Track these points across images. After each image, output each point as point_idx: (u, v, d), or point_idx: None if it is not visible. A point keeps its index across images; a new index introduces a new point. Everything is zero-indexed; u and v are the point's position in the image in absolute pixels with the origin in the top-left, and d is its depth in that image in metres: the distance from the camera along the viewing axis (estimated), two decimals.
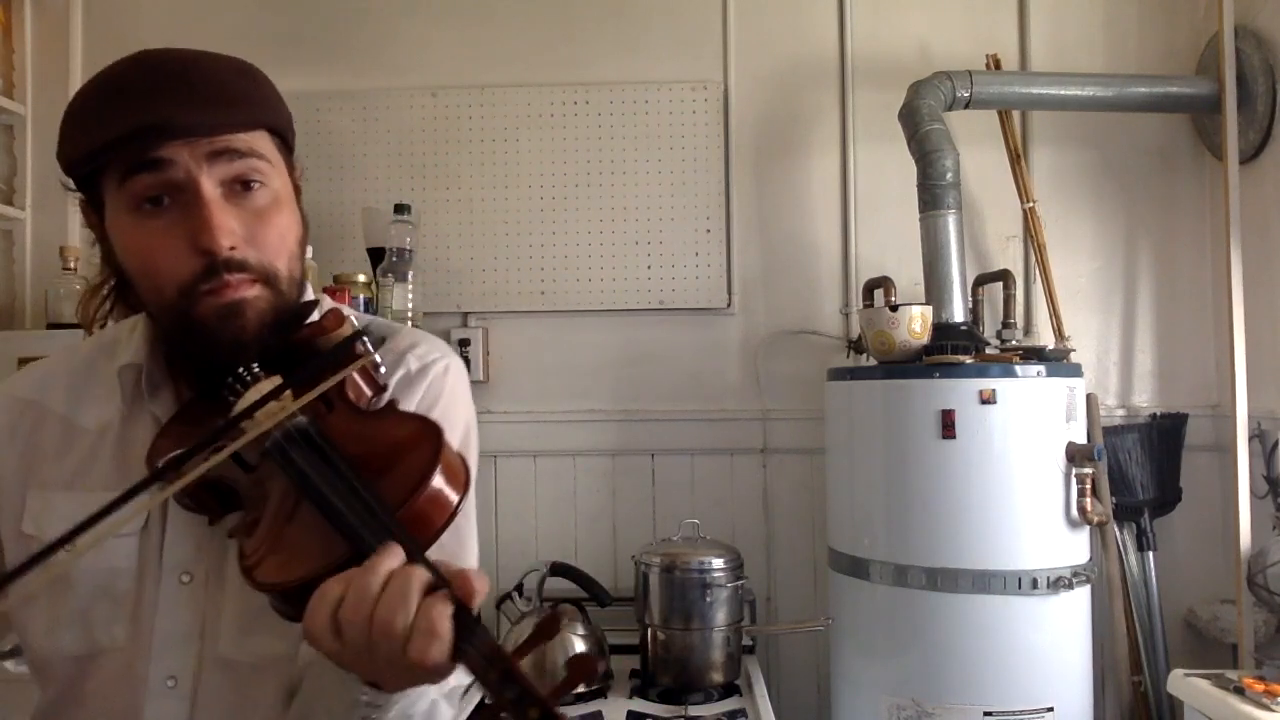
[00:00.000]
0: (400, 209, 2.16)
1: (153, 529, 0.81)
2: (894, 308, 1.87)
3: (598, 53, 2.34)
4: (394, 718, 0.69)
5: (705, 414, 2.29)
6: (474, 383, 2.26)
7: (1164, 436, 2.19)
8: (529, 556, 2.18)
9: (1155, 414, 2.24)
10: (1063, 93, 2.13)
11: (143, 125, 0.72)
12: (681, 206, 2.31)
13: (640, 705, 1.82)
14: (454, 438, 0.83)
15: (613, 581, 2.13)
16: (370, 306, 2.13)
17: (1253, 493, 1.97)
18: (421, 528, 0.63)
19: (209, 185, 0.74)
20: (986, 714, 1.68)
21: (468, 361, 2.20)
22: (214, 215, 0.73)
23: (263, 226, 0.77)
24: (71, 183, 0.80)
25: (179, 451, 0.67)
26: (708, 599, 1.86)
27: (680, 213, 2.31)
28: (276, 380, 0.71)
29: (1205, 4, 2.26)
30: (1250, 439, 1.99)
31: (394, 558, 0.59)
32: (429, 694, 0.71)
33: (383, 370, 0.77)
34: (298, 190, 0.85)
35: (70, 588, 0.80)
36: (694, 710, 1.78)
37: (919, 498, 1.75)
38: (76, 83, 2.33)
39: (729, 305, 2.31)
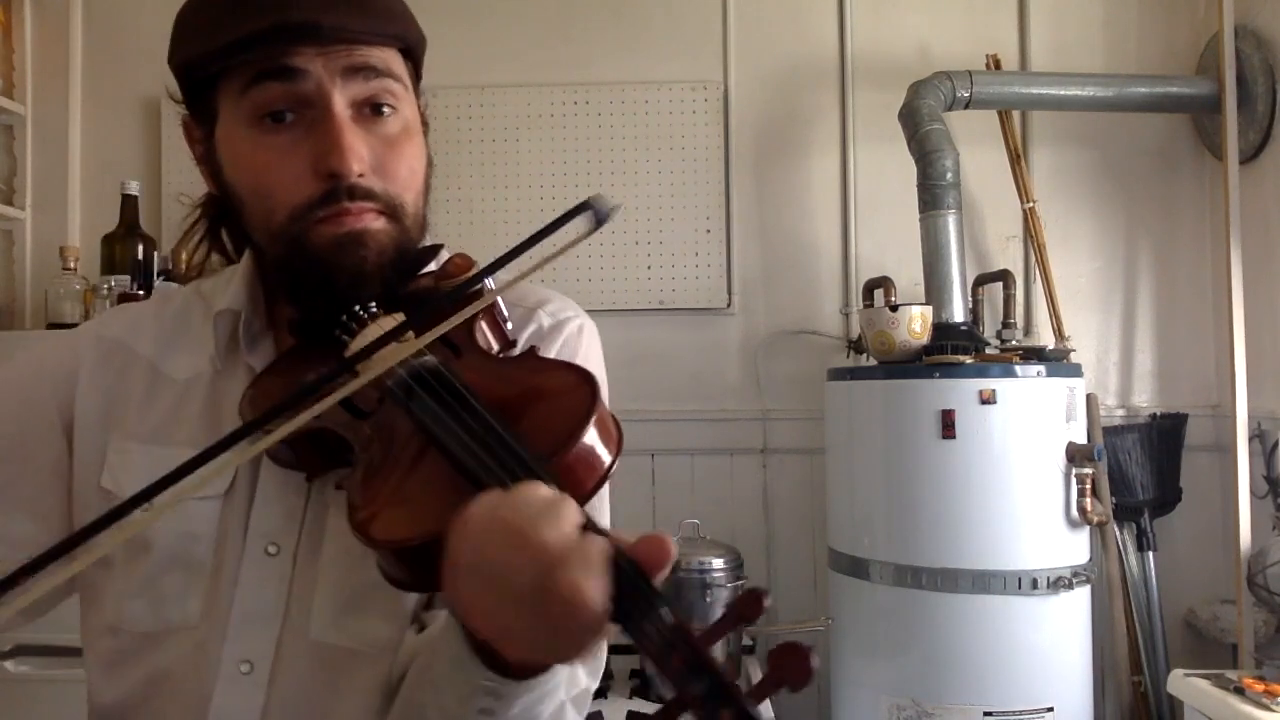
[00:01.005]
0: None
1: (238, 493, 0.71)
2: (894, 308, 1.87)
3: (598, 53, 2.34)
4: (516, 717, 0.58)
5: (705, 414, 2.29)
6: None
7: (1164, 436, 2.19)
8: None
9: (1155, 414, 2.24)
10: (1063, 93, 2.14)
11: (282, 23, 0.64)
12: (681, 206, 2.30)
13: (640, 705, 1.82)
14: None
15: None
16: None
17: (1253, 493, 1.97)
18: (572, 487, 0.52)
19: (340, 103, 0.67)
20: (986, 714, 1.68)
21: None
22: (345, 135, 0.66)
23: (393, 156, 0.70)
24: (179, 94, 0.74)
25: (284, 398, 0.56)
26: (708, 599, 1.85)
27: (680, 213, 2.30)
28: (398, 317, 0.62)
29: (1205, 4, 2.26)
30: (1250, 439, 1.99)
31: (543, 490, 0.49)
32: (558, 693, 0.61)
33: (509, 323, 0.70)
34: (425, 124, 0.77)
35: (147, 553, 0.71)
36: None
37: (919, 498, 1.75)
38: (77, 83, 2.33)
39: (729, 305, 2.31)
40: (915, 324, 1.85)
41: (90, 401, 0.77)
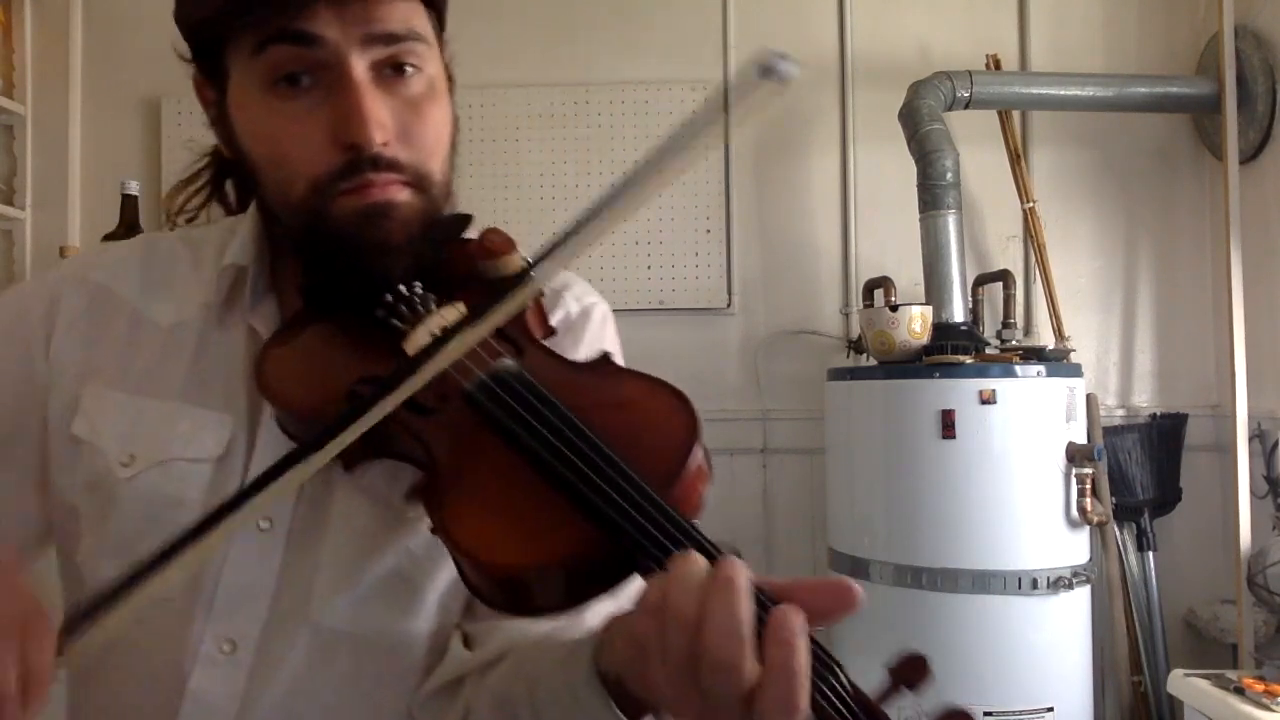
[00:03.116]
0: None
1: (234, 457, 0.67)
2: (894, 308, 1.87)
3: (598, 53, 2.34)
4: None
5: (705, 414, 2.24)
6: None
7: (1164, 436, 2.19)
8: None
9: (1155, 414, 2.24)
10: (1063, 93, 2.14)
11: None
12: (681, 206, 2.30)
13: None
14: None
15: None
16: None
17: (1253, 493, 1.97)
18: (685, 512, 0.51)
19: (360, 68, 0.62)
20: (986, 714, 1.68)
21: None
22: (366, 103, 0.61)
23: (418, 120, 0.65)
24: (187, 51, 0.69)
25: (341, 411, 0.53)
26: None
27: (680, 213, 2.30)
28: (459, 308, 0.59)
29: (1205, 4, 2.26)
30: (1250, 439, 1.99)
31: (697, 563, 0.47)
32: None
33: (551, 312, 0.66)
34: (451, 80, 0.73)
35: (113, 507, 0.67)
36: None
37: (919, 498, 1.75)
38: (77, 83, 2.33)
39: (729, 305, 2.31)
40: (915, 324, 1.85)
41: (67, 346, 0.72)
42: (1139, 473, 2.17)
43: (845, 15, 2.32)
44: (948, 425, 1.71)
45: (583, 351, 0.73)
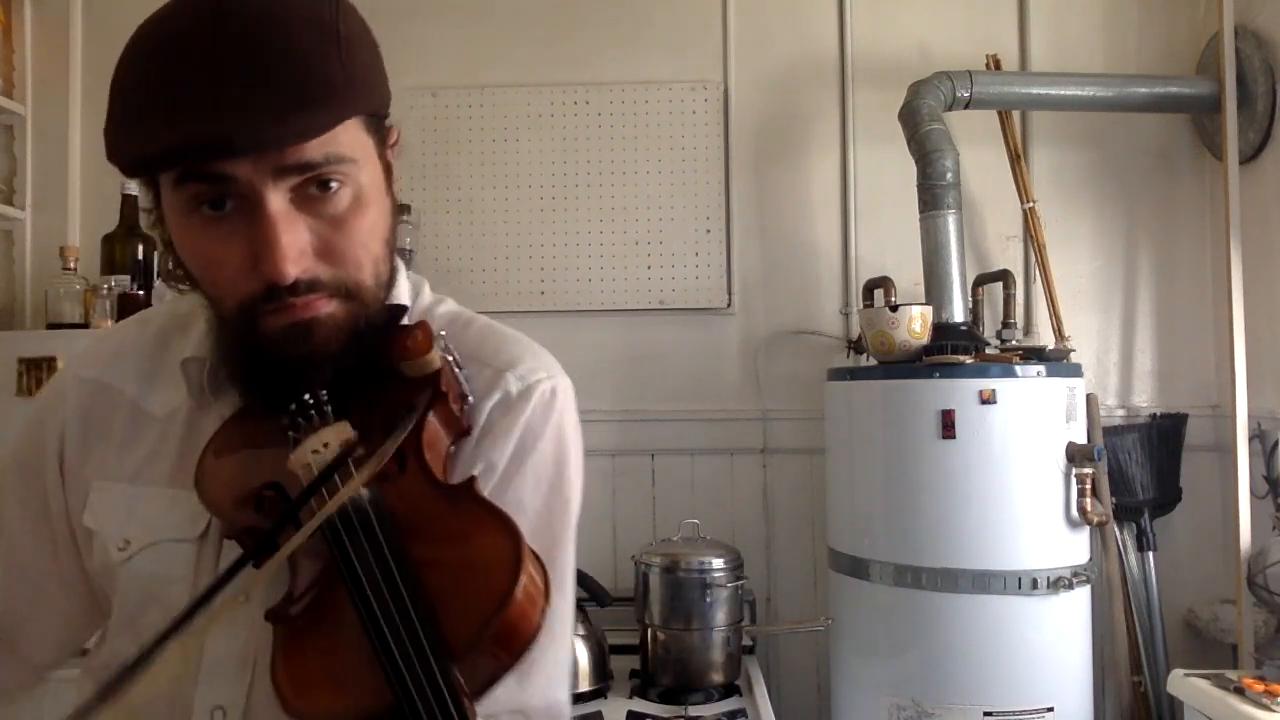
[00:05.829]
0: (400, 209, 2.16)
1: (211, 539, 0.72)
2: (894, 308, 1.87)
3: (598, 53, 2.34)
4: None
5: (705, 414, 2.29)
6: None
7: (1164, 436, 2.19)
8: None
9: (1155, 414, 2.24)
10: (1063, 93, 2.13)
11: (194, 141, 0.58)
12: (681, 206, 2.31)
13: (640, 705, 1.82)
14: (538, 483, 0.75)
15: (613, 581, 2.12)
16: None
17: (1253, 493, 1.97)
18: (488, 664, 0.57)
19: (276, 199, 0.61)
20: (986, 714, 1.68)
21: None
22: (280, 236, 0.61)
23: (341, 235, 0.65)
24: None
25: (260, 529, 0.61)
26: (708, 599, 1.85)
27: (680, 213, 2.30)
28: (344, 431, 0.62)
29: (1205, 4, 2.26)
30: (1250, 439, 1.99)
31: None
32: None
33: (469, 400, 0.69)
34: (389, 169, 0.72)
35: (118, 589, 0.74)
36: (694, 710, 1.78)
37: (919, 498, 1.75)
38: (77, 83, 2.33)
39: (729, 305, 2.31)
40: (915, 324, 1.85)
41: (76, 446, 0.79)
42: (1139, 473, 2.17)
43: (845, 15, 2.32)
44: (948, 425, 1.71)
45: (513, 436, 0.74)
